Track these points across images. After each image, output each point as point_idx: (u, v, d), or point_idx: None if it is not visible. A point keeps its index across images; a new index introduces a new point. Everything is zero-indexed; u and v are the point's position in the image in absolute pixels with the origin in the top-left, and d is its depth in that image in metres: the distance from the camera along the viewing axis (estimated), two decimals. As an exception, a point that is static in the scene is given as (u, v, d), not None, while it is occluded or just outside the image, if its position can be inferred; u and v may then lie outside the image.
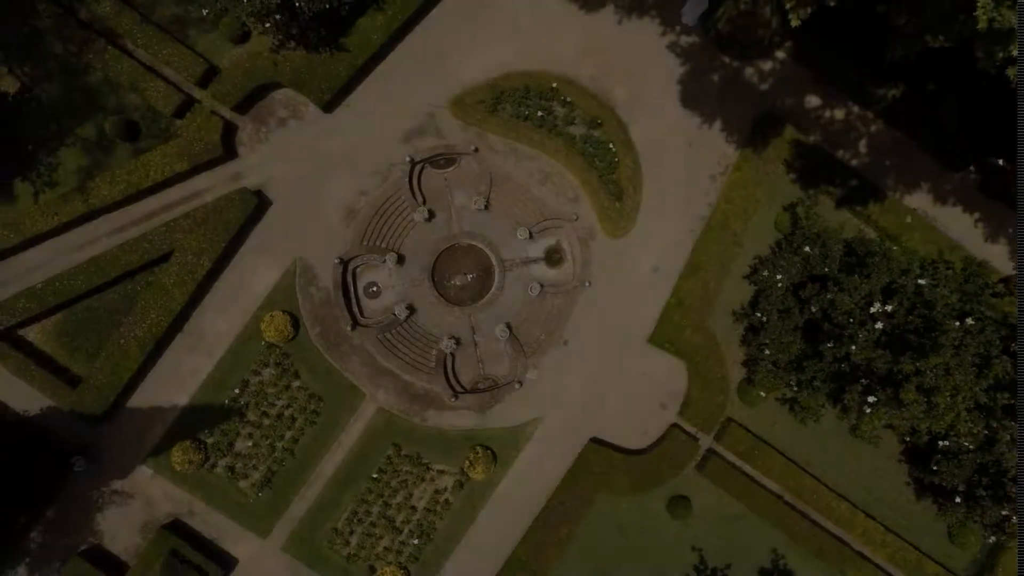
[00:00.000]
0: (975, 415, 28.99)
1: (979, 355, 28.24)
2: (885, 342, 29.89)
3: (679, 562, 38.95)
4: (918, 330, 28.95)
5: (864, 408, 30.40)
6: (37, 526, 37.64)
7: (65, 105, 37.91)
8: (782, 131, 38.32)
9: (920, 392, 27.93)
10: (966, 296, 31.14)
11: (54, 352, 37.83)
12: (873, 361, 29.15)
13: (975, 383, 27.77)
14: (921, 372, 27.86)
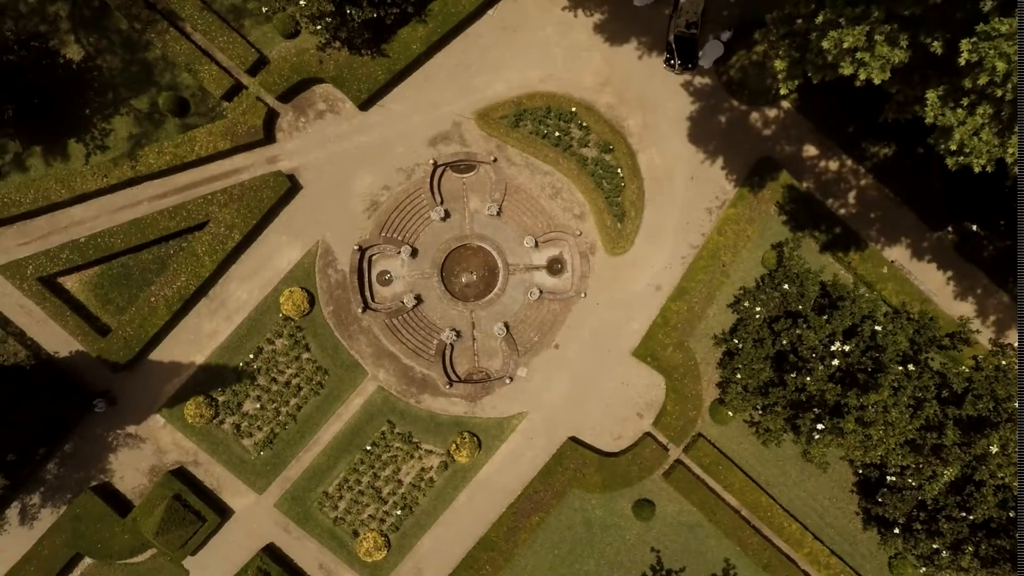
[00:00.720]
0: (905, 450, 33.85)
1: (914, 398, 33.06)
2: (839, 377, 34.79)
3: (638, 560, 43.86)
4: (867, 370, 33.83)
5: (813, 434, 35.31)
6: (54, 458, 42.68)
7: (123, 77, 42.91)
8: (778, 175, 43.18)
9: (860, 424, 32.81)
10: (916, 345, 35.99)
11: (88, 302, 42.84)
12: (825, 393, 34.08)
13: (908, 422, 32.60)
14: (863, 407, 32.75)
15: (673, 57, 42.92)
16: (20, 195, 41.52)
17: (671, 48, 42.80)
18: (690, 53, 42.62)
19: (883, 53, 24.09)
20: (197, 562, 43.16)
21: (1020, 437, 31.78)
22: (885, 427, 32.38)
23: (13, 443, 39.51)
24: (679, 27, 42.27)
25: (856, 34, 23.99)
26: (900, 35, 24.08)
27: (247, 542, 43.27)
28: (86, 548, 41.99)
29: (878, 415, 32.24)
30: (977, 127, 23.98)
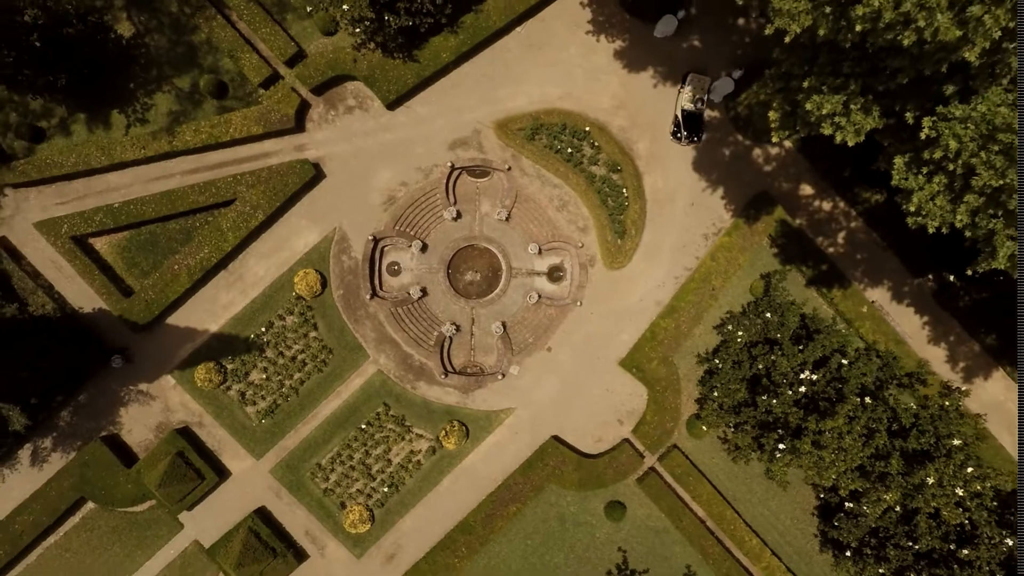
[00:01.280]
0: (855, 475, 38.11)
1: (867, 428, 37.30)
2: (804, 403, 39.06)
3: (604, 558, 48.21)
4: (830, 399, 38.10)
5: (775, 453, 39.59)
6: (69, 407, 47.06)
7: (169, 56, 47.24)
8: (773, 210, 47.45)
9: (815, 446, 37.10)
10: (878, 381, 40.22)
11: (115, 264, 47.23)
12: (788, 416, 38.37)
13: (860, 450, 36.84)
14: (820, 431, 37.02)
15: (679, 130, 47.41)
16: (62, 158, 45.89)
17: (678, 122, 47.28)
18: (696, 127, 47.15)
19: (857, 120, 28.35)
20: (192, 517, 47.56)
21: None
22: (837, 452, 36.68)
23: (37, 388, 43.84)
24: (686, 103, 46.53)
25: (834, 102, 28.27)
26: (873, 106, 28.30)
27: (241, 503, 47.65)
28: (91, 493, 46.36)
29: (833, 440, 36.53)
30: (933, 193, 28.23)
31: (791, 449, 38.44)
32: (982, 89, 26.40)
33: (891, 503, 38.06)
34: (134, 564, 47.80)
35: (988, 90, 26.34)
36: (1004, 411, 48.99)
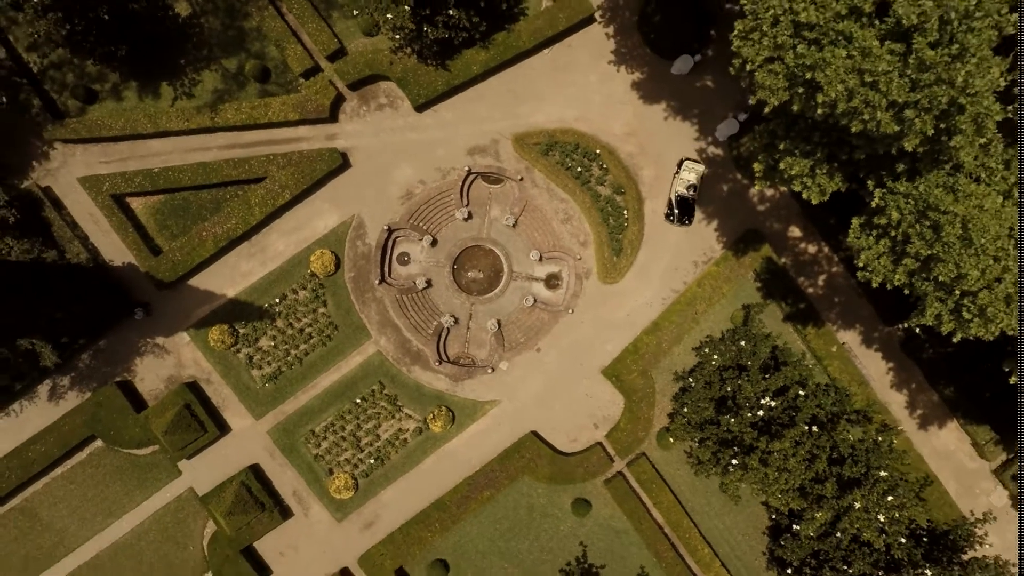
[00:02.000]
0: (795, 495, 44.32)
1: (811, 453, 43.49)
2: (760, 425, 45.24)
3: (565, 550, 54.50)
4: (783, 423, 44.27)
5: (728, 468, 45.79)
6: (90, 351, 53.47)
7: (220, 38, 53.62)
8: (761, 247, 53.65)
9: (761, 464, 43.31)
10: (830, 414, 46.41)
11: (147, 224, 53.65)
12: (744, 435, 44.56)
13: (802, 472, 43.03)
14: (769, 452, 43.21)
15: (672, 213, 53.86)
16: (111, 120, 52.32)
17: (671, 205, 53.74)
18: (689, 211, 53.74)
19: (822, 183, 34.57)
20: (190, 465, 53.94)
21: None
22: (781, 471, 42.88)
23: (67, 330, 50.21)
24: (681, 188, 53.15)
25: (803, 165, 34.48)
26: (837, 173, 34.49)
27: (237, 458, 54.04)
28: (101, 432, 52.77)
29: (779, 460, 42.73)
30: (879, 253, 34.39)
31: (742, 465, 44.66)
32: (925, 171, 32.47)
33: (822, 521, 44.24)
34: (132, 502, 54.17)
35: (930, 173, 32.41)
36: (954, 460, 55.19)
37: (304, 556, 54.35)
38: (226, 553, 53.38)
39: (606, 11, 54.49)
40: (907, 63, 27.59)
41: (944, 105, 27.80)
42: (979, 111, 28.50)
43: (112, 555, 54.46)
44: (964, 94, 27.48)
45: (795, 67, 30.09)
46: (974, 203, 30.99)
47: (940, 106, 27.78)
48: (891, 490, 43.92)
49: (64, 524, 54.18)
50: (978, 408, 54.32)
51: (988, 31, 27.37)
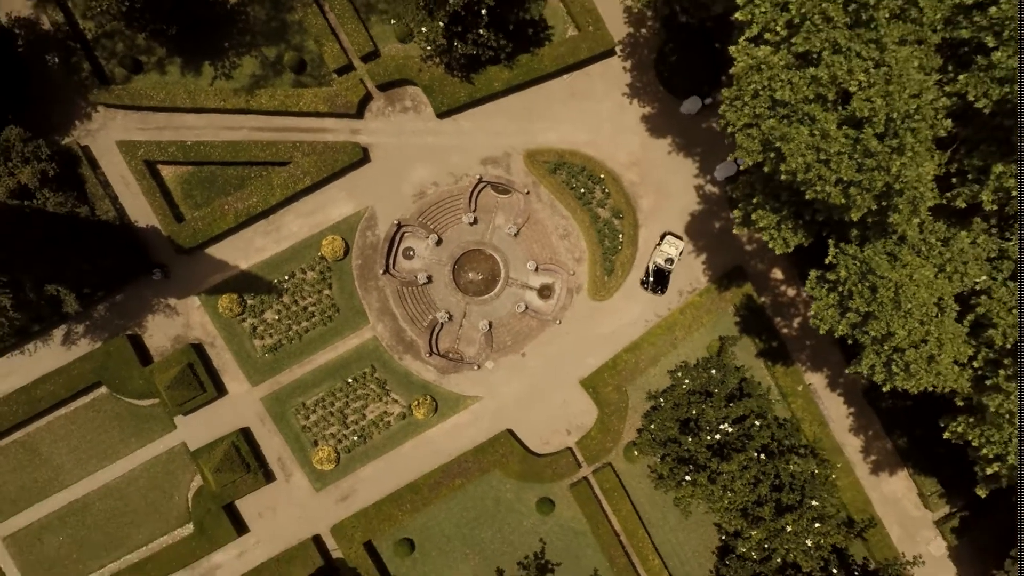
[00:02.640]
0: (737, 514, 50.93)
1: (756, 478, 50.09)
2: (715, 448, 51.88)
3: (525, 545, 61.18)
4: (735, 448, 50.91)
5: (682, 483, 52.44)
6: (106, 303, 60.28)
7: (263, 27, 60.51)
8: (743, 284, 60.34)
9: (709, 481, 49.96)
10: (781, 445, 53.02)
11: (175, 192, 60.50)
12: (698, 454, 51.21)
13: (747, 494, 49.63)
14: (719, 472, 49.84)
15: (647, 281, 60.91)
16: (153, 91, 59.22)
17: (648, 273, 60.82)
18: (663, 282, 60.80)
19: (786, 236, 41.22)
20: (186, 421, 60.73)
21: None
22: (725, 490, 49.53)
23: (91, 281, 56.97)
24: (659, 259, 60.15)
25: (771, 219, 41.16)
26: (800, 229, 41.15)
27: (230, 420, 60.83)
28: (107, 379, 59.57)
29: (725, 480, 49.38)
30: (828, 304, 41.02)
31: (693, 482, 51.32)
32: (873, 239, 39.06)
33: (757, 540, 50.90)
34: (127, 449, 60.97)
35: (877, 241, 38.98)
36: (899, 507, 61.85)
37: (281, 519, 61.08)
38: (209, 507, 60.07)
39: (626, 46, 61.23)
40: (856, 148, 34.12)
41: (881, 188, 34.33)
42: (914, 195, 34.99)
43: (101, 496, 61.19)
44: (898, 181, 33.98)
45: (768, 135, 36.70)
46: (908, 272, 37.53)
47: (878, 188, 34.30)
48: (820, 519, 50.52)
49: (61, 461, 60.93)
50: (928, 460, 60.89)
51: (925, 131, 33.85)
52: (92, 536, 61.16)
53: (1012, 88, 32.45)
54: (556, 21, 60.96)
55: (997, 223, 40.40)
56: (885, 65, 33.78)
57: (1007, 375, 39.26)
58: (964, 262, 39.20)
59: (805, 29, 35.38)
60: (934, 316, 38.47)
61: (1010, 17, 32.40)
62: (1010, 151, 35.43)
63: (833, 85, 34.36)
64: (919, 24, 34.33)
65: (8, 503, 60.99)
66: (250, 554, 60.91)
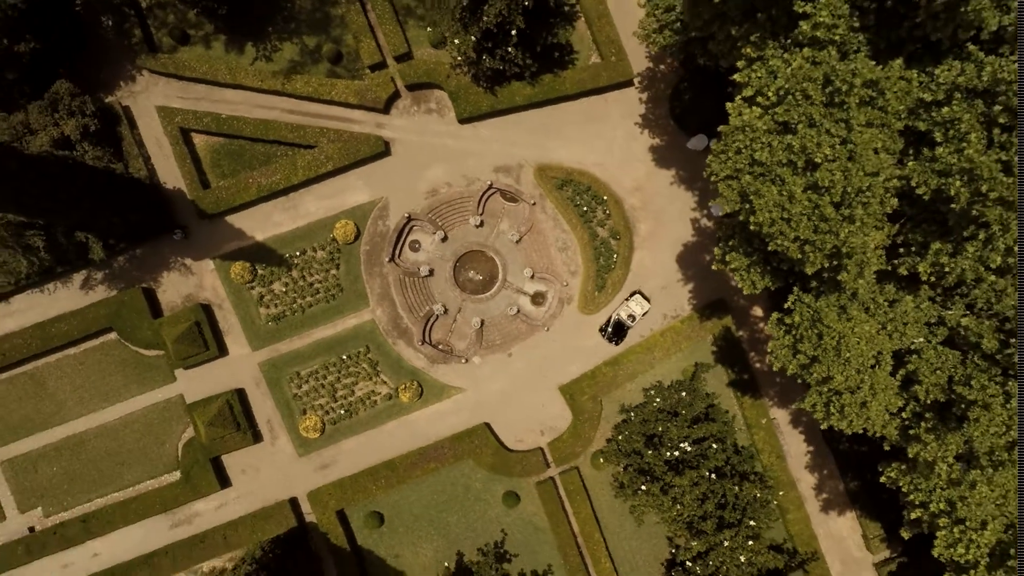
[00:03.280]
0: (683, 526, 58.19)
1: (704, 495, 57.34)
2: (673, 463, 59.15)
3: (487, 532, 68.60)
4: (690, 466, 58.19)
5: (638, 492, 59.71)
6: (127, 255, 67.80)
7: (307, 16, 67.99)
8: (724, 317, 67.66)
9: (661, 492, 57.26)
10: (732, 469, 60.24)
11: (204, 159, 68.09)
12: (656, 467, 58.51)
13: (694, 508, 56.91)
14: (671, 485, 57.12)
15: (606, 330, 68.39)
16: (196, 63, 66.75)
17: (609, 323, 68.25)
18: (621, 335, 68.29)
19: (754, 279, 48.50)
20: (186, 375, 68.24)
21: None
22: (674, 503, 56.85)
23: (117, 233, 64.42)
24: (623, 314, 67.55)
25: (742, 261, 48.47)
26: (767, 274, 48.40)
27: (227, 379, 68.31)
28: (118, 326, 67.11)
29: (676, 493, 56.70)
30: (783, 345, 48.25)
31: (648, 491, 58.64)
32: (828, 291, 46.31)
33: (697, 551, 58.32)
34: (127, 393, 68.50)
35: (831, 294, 46.20)
36: (843, 546, 69.17)
37: (262, 478, 68.54)
38: (197, 458, 67.59)
39: (644, 79, 68.59)
40: (814, 212, 41.24)
41: (830, 249, 41.51)
42: (861, 259, 42.07)
43: (98, 434, 68.73)
44: (845, 245, 41.07)
45: (745, 188, 43.89)
46: (851, 326, 44.68)
47: (827, 249, 41.48)
48: (754, 538, 57.80)
49: (65, 397, 68.50)
50: (875, 505, 68.12)
51: (875, 206, 40.88)
52: (84, 471, 68.73)
53: (947, 180, 39.53)
54: (582, 48, 68.35)
55: (941, 293, 47.54)
56: (850, 143, 40.95)
57: (927, 427, 46.46)
58: (905, 323, 46.40)
59: (787, 102, 42.64)
60: (870, 367, 45.65)
61: (959, 118, 39.45)
62: (946, 232, 42.63)
63: (803, 154, 41.52)
64: (885, 111, 41.42)
65: (10, 430, 68.55)
66: (229, 507, 68.41)
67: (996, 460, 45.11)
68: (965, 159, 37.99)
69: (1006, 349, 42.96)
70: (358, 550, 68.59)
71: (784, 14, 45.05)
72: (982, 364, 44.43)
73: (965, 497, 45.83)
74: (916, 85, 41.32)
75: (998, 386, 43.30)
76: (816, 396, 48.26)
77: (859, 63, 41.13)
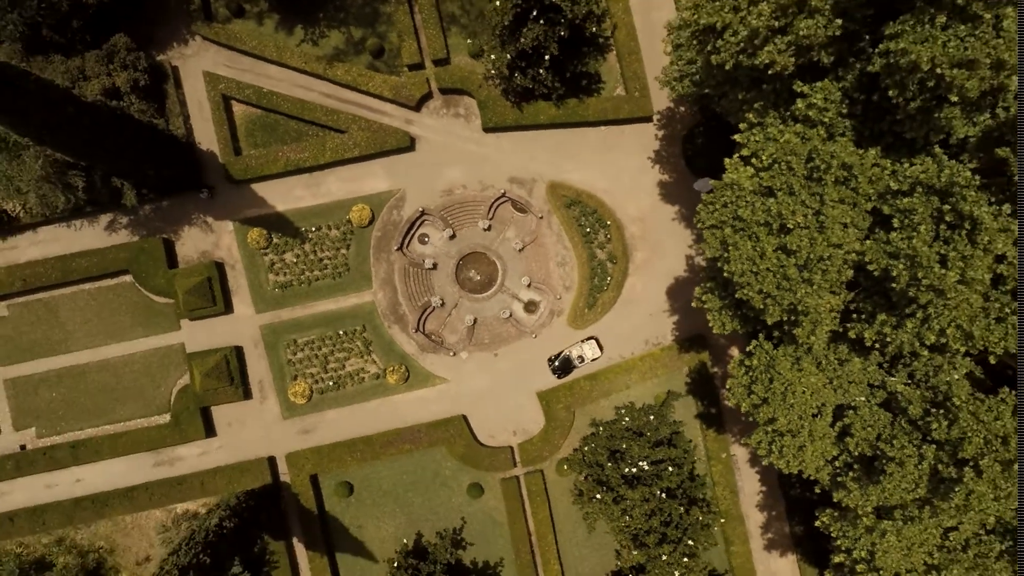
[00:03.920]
0: (629, 538, 66.18)
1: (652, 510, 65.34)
2: (629, 478, 67.11)
3: (448, 518, 76.77)
4: (644, 481, 66.19)
5: (593, 499, 67.73)
6: (153, 205, 75.97)
7: (357, 11, 76.40)
8: (702, 352, 75.79)
9: (613, 502, 65.31)
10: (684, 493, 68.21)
11: (240, 127, 76.44)
12: (611, 479, 66.53)
13: (642, 522, 64.89)
14: (623, 498, 65.15)
15: (554, 362, 76.88)
16: (247, 38, 75.10)
17: (559, 357, 76.76)
18: (566, 371, 76.89)
19: (724, 321, 56.49)
20: (190, 326, 76.56)
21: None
22: (624, 513, 64.88)
23: (149, 183, 72.59)
24: (573, 352, 76.18)
25: (716, 303, 56.45)
26: (736, 317, 56.38)
27: (228, 336, 76.55)
28: (135, 270, 75.38)
29: (627, 506, 64.72)
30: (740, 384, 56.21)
31: (602, 500, 66.70)
32: (786, 342, 54.31)
33: (635, 561, 66.33)
34: (132, 334, 76.79)
35: (789, 346, 54.19)
36: (781, 584, 77.15)
37: (246, 434, 76.74)
38: (188, 405, 75.78)
39: (663, 118, 76.71)
40: (779, 271, 49.15)
41: (787, 306, 49.46)
42: (815, 318, 49.99)
43: (99, 368, 76.98)
44: (800, 304, 48.97)
45: (725, 239, 51.92)
46: (800, 376, 52.58)
47: (785, 305, 49.43)
48: (690, 556, 65.83)
49: (74, 328, 76.77)
50: (815, 553, 76.05)
51: (833, 273, 48.73)
52: (81, 400, 76.98)
53: (894, 262, 47.33)
54: (609, 79, 76.50)
55: (889, 361, 55.39)
56: (822, 215, 48.89)
57: (853, 477, 54.36)
58: (850, 382, 54.28)
59: (774, 169, 50.64)
60: (812, 415, 53.55)
61: (915, 209, 47.24)
62: (892, 307, 50.46)
63: (779, 218, 49.47)
64: (856, 192, 49.28)
65: (19, 351, 76.82)
66: (211, 455, 76.64)
67: (907, 515, 53.13)
68: (911, 247, 45.84)
69: (927, 417, 50.88)
70: (324, 515, 76.78)
71: (786, 89, 53.14)
72: (907, 427, 52.30)
73: (875, 543, 53.89)
74: (887, 174, 49.25)
75: (915, 448, 51.19)
76: (762, 434, 56.21)
77: (840, 146, 49.19)
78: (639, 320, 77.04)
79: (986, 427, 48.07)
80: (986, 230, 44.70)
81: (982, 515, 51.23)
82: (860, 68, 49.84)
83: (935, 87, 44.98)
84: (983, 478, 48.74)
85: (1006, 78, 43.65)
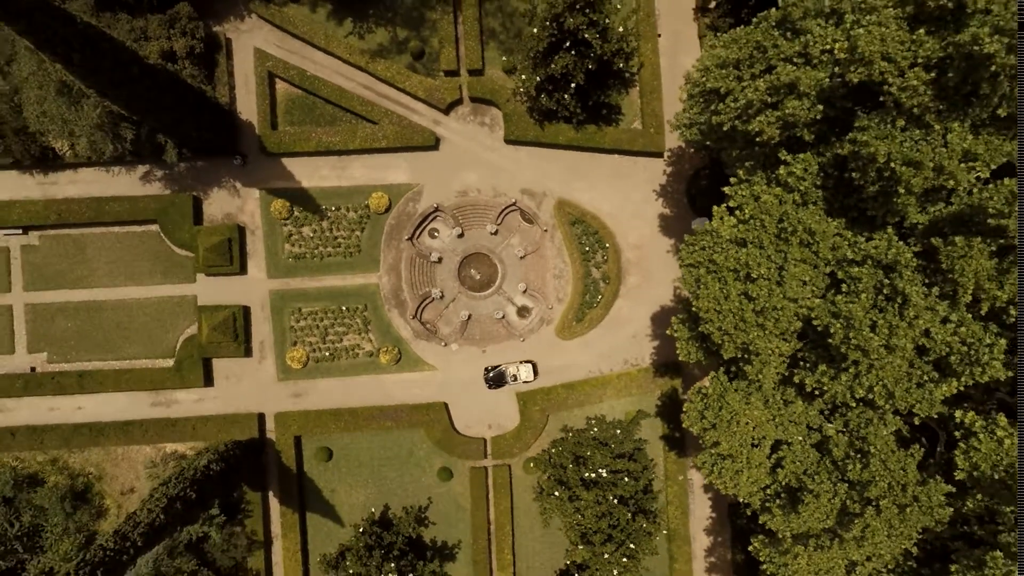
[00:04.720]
0: (579, 536, 77.18)
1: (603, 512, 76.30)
2: (587, 481, 78.14)
3: (416, 495, 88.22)
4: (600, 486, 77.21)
5: (551, 495, 78.76)
6: (188, 163, 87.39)
7: (406, 13, 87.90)
8: (675, 379, 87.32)
9: (570, 500, 76.39)
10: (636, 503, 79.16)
11: (280, 104, 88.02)
12: (572, 480, 77.63)
13: (592, 523, 75.90)
14: (578, 497, 76.20)
15: (488, 375, 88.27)
16: (300, 22, 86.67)
17: (494, 369, 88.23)
18: (499, 385, 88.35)
19: (691, 350, 67.56)
20: (205, 281, 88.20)
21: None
22: (576, 512, 75.95)
23: (191, 144, 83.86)
24: (510, 373, 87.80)
25: (684, 332, 67.50)
26: (702, 350, 67.44)
27: (238, 296, 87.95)
28: (162, 221, 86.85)
29: (580, 506, 75.79)
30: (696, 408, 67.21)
31: (559, 498, 77.81)
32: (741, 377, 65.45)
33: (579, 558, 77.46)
34: (151, 280, 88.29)
35: (743, 381, 65.25)
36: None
37: (241, 389, 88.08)
38: (191, 353, 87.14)
39: (673, 156, 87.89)
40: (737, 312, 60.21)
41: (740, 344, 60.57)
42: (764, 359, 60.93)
43: (115, 307, 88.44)
44: (751, 344, 60.06)
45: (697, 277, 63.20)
46: (747, 410, 63.58)
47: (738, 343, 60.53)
48: (630, 558, 76.84)
49: (97, 266, 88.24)
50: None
51: (784, 323, 59.69)
52: (94, 334, 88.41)
53: (833, 321, 58.21)
54: (628, 112, 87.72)
55: (831, 409, 66.31)
56: (784, 271, 59.87)
57: (779, 504, 65.27)
58: (791, 422, 65.24)
59: (750, 224, 61.66)
60: (752, 445, 64.52)
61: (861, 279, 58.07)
62: (832, 361, 61.31)
63: (746, 267, 60.50)
64: (816, 255, 60.22)
65: (43, 279, 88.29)
66: (206, 403, 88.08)
67: (819, 543, 64.15)
68: (849, 310, 56.75)
69: (846, 459, 61.85)
70: (302, 475, 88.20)
71: (773, 154, 64.27)
72: (829, 467, 63.37)
73: (788, 564, 65.07)
74: (845, 244, 60.31)
75: (832, 484, 62.22)
76: (707, 456, 67.32)
77: (809, 214, 60.34)
78: (622, 340, 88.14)
79: (891, 474, 59.29)
80: (914, 306, 55.73)
81: (873, 548, 62.04)
82: (835, 149, 60.94)
83: (889, 177, 55.96)
84: (881, 517, 59.92)
85: (945, 180, 54.73)
